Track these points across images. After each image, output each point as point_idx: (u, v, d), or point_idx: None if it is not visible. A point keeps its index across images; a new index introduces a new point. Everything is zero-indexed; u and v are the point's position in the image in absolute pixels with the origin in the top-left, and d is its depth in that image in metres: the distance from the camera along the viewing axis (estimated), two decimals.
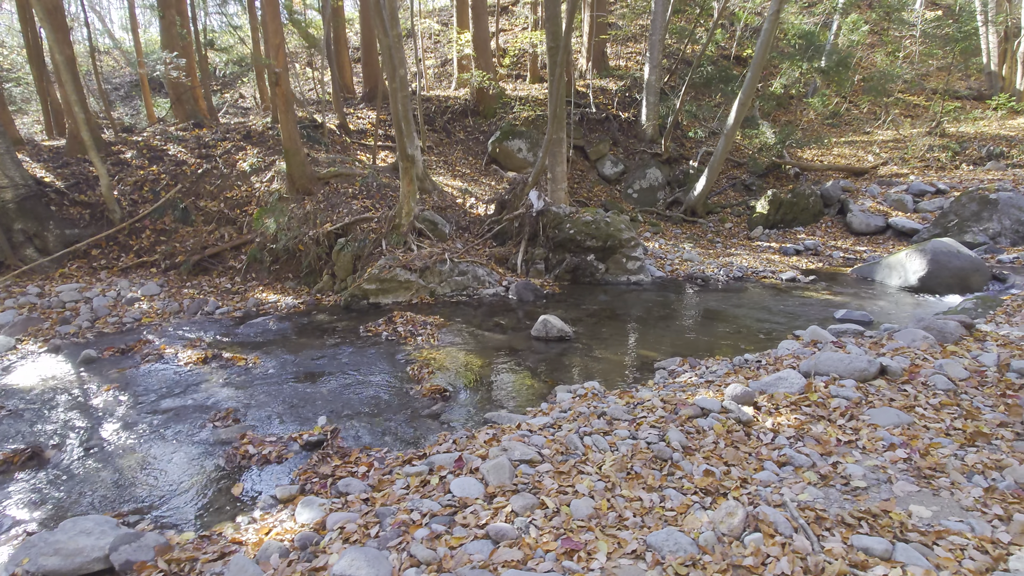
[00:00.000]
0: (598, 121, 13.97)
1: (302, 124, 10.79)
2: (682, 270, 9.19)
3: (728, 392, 3.90)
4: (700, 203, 12.50)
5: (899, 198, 11.62)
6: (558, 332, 6.04)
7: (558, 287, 8.35)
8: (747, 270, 9.15)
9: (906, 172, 13.37)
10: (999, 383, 3.95)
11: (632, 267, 8.63)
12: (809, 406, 3.82)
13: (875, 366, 4.07)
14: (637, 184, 13.33)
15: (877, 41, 19.23)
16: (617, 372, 5.19)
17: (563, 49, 9.19)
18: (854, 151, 14.96)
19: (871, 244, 11.03)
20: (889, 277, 8.51)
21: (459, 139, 14.00)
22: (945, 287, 7.92)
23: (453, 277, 7.86)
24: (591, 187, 13.32)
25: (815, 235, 11.64)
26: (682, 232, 12.19)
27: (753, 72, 10.36)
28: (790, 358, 4.70)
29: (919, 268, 8.04)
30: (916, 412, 3.63)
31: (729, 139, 11.17)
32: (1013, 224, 9.77)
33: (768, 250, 10.99)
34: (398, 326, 6.53)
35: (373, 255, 7.66)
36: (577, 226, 8.55)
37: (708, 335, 6.29)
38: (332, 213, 8.19)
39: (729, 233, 12.21)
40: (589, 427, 3.64)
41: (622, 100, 14.64)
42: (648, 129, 13.67)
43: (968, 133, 14.94)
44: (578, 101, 14.21)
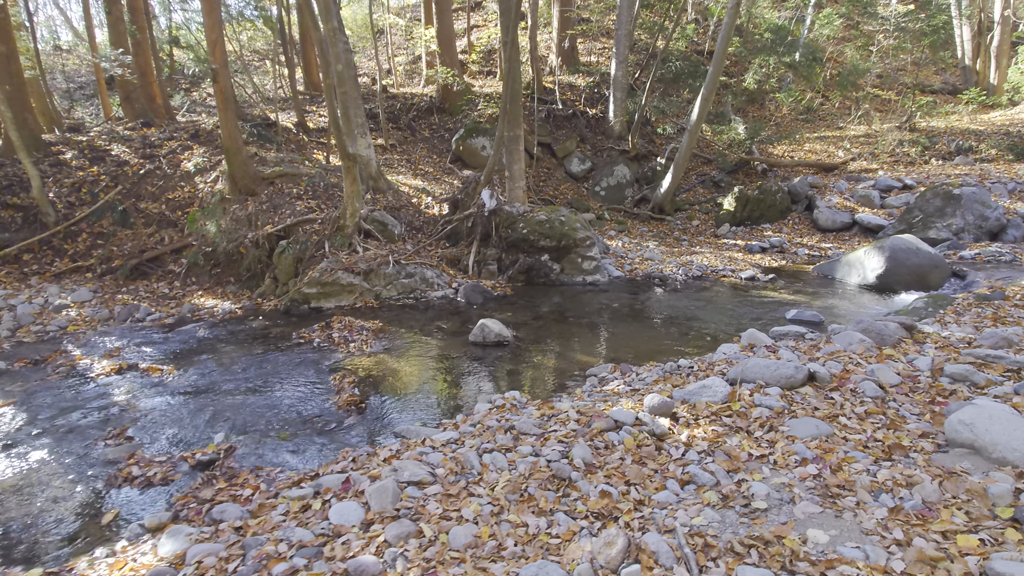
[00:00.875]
0: (565, 118, 13.76)
1: (254, 122, 10.48)
2: (641, 269, 9.00)
3: (646, 403, 3.70)
4: (667, 200, 12.33)
5: (866, 194, 11.52)
6: (496, 337, 5.82)
7: (510, 288, 8.13)
8: (707, 269, 8.99)
9: (875, 167, 13.29)
10: (930, 389, 3.79)
11: (588, 267, 8.43)
12: (730, 416, 3.62)
13: (803, 373, 3.88)
14: (605, 181, 13.14)
15: (851, 35, 19.18)
16: (548, 380, 4.98)
17: (512, 44, 8.97)
18: (825, 147, 14.87)
19: (837, 241, 10.92)
20: (849, 275, 8.37)
21: (424, 137, 13.74)
22: (903, 285, 7.80)
23: (400, 280, 7.62)
24: (558, 185, 13.11)
25: (782, 232, 11.51)
26: (648, 230, 12.02)
27: (715, 66, 10.19)
28: (723, 363, 4.51)
29: (877, 266, 7.91)
30: (838, 422, 3.45)
31: (693, 135, 11.00)
32: (976, 219, 9.69)
33: (733, 248, 10.85)
34: (334, 332, 6.28)
35: (315, 258, 7.40)
36: (530, 225, 8.34)
37: (654, 338, 6.10)
38: (275, 214, 7.92)
39: (696, 231, 12.06)
40: (493, 443, 3.43)
41: (590, 96, 14.45)
42: (616, 125, 13.48)
43: (939, 128, 14.91)
44: (545, 97, 14.00)
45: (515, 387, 4.83)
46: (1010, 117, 15.25)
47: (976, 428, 2.97)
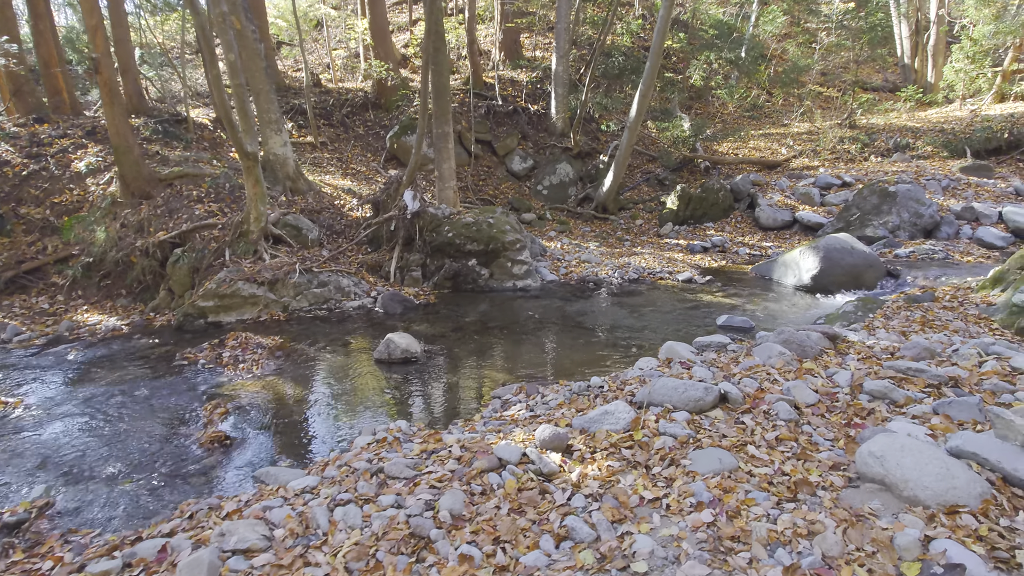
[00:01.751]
0: (506, 114, 13.32)
1: (160, 118, 9.67)
2: (577, 273, 8.64)
3: (537, 435, 3.28)
4: (610, 199, 12.04)
5: (806, 192, 11.48)
6: (402, 354, 5.33)
7: (434, 296, 7.64)
8: (644, 271, 8.69)
9: (817, 165, 13.33)
10: (848, 408, 3.49)
11: (518, 272, 8.02)
12: (631, 448, 3.24)
13: (713, 394, 3.53)
14: (547, 180, 12.77)
15: (794, 32, 19.35)
16: (450, 403, 4.52)
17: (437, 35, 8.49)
18: (769, 144, 14.88)
19: (778, 239, 10.82)
20: (785, 276, 8.20)
21: (358, 134, 13.09)
22: (838, 285, 7.65)
23: (311, 289, 7.03)
24: (499, 184, 12.67)
25: (724, 231, 11.37)
26: (591, 230, 11.70)
27: (651, 61, 9.92)
28: (635, 382, 4.13)
29: (812, 266, 7.74)
30: (746, 452, 3.10)
31: (633, 132, 10.72)
32: (911, 217, 9.70)
33: (675, 248, 10.62)
34: (225, 351, 5.67)
35: (214, 267, 6.75)
36: (456, 229, 7.86)
37: (575, 350, 5.71)
38: (170, 219, 7.22)
39: (640, 230, 11.81)
40: (352, 492, 2.94)
41: (533, 92, 14.06)
42: (558, 122, 13.13)
43: (878, 125, 15.11)
44: (485, 93, 13.53)
45: (413, 412, 4.36)
46: (945, 115, 15.59)
47: (887, 461, 2.65)
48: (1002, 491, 2.49)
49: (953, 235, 9.66)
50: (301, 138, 12.36)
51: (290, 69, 17.61)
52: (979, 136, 13.31)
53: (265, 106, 8.51)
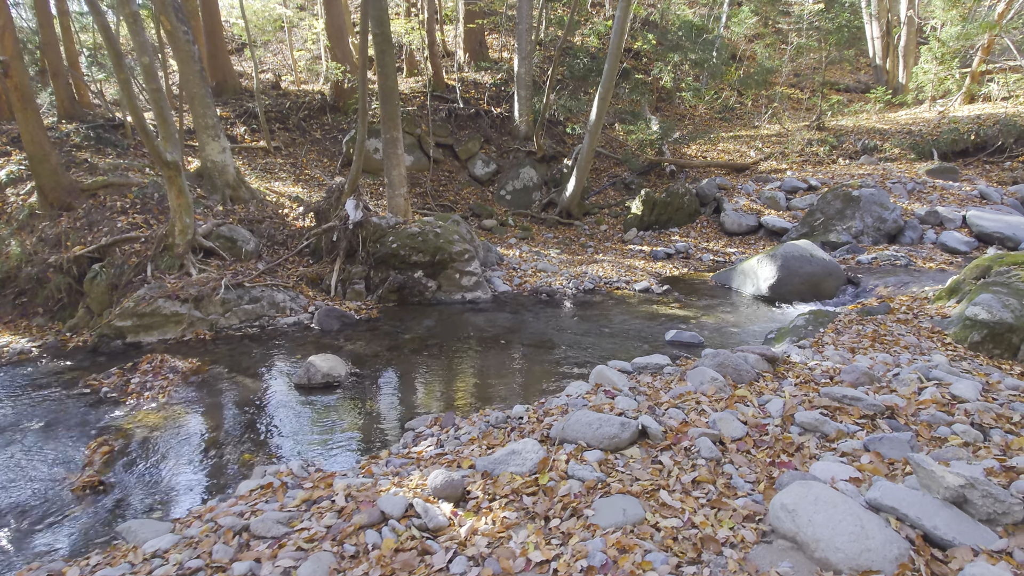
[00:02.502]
0: (469, 117, 13.00)
1: (93, 124, 9.20)
2: (531, 283, 8.34)
3: (429, 482, 2.96)
4: (574, 204, 11.77)
5: (772, 195, 11.30)
6: (324, 378, 4.98)
7: (378, 310, 7.29)
8: (600, 281, 8.41)
9: (785, 168, 13.18)
10: (776, 443, 3.22)
11: (467, 283, 7.69)
12: (534, 494, 2.93)
13: (630, 430, 3.24)
14: (510, 185, 12.47)
15: (765, 33, 19.26)
16: (361, 437, 4.18)
17: (383, 36, 8.16)
18: (738, 146, 14.72)
19: (743, 245, 10.62)
20: (744, 284, 7.97)
21: (315, 138, 12.68)
22: (796, 295, 7.44)
23: (242, 305, 6.65)
24: (460, 189, 12.34)
25: (689, 236, 11.15)
26: (554, 236, 11.42)
27: (610, 64, 9.66)
28: (557, 412, 3.83)
29: (769, 275, 7.52)
30: (657, 499, 2.80)
31: (593, 136, 10.45)
32: (875, 222, 9.54)
33: (638, 254, 10.37)
34: (136, 376, 5.28)
35: (134, 283, 6.33)
36: (401, 239, 7.52)
37: (512, 371, 5.40)
38: (91, 232, 6.79)
39: (604, 236, 11.55)
40: (205, 557, 2.60)
41: (497, 94, 13.74)
42: (522, 125, 12.83)
43: (847, 127, 15.02)
44: (447, 95, 13.19)
45: (317, 448, 4.01)
46: (914, 116, 15.55)
47: (799, 517, 2.37)
48: (921, 552, 2.21)
49: (917, 240, 9.51)
50: (254, 143, 11.94)
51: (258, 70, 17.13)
52: (946, 138, 13.26)
53: (201, 111, 8.10)
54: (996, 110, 14.53)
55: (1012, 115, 13.42)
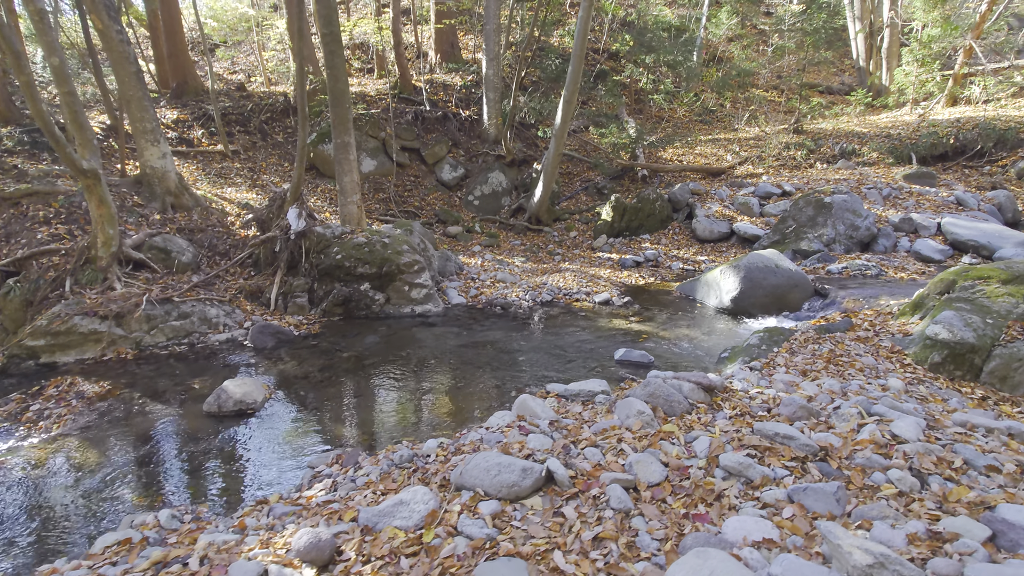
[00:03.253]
0: (436, 120, 12.66)
1: (30, 127, 8.79)
2: (487, 295, 8.01)
3: (295, 542, 2.61)
4: (542, 210, 11.45)
5: (745, 201, 11.03)
6: (236, 405, 4.62)
7: (320, 325, 6.93)
8: (559, 292, 8.09)
9: (761, 172, 12.92)
10: (696, 489, 2.90)
11: (417, 296, 7.35)
12: (414, 555, 2.60)
13: (532, 477, 2.91)
14: (479, 190, 12.14)
15: (746, 35, 19.02)
16: (262, 475, 3.83)
17: (332, 36, 7.83)
18: (716, 150, 14.46)
19: (714, 253, 10.33)
20: (708, 296, 7.68)
21: (276, 141, 12.30)
22: (759, 308, 7.14)
23: (169, 322, 6.28)
24: (426, 194, 12.00)
25: (660, 243, 10.85)
26: (521, 243, 11.09)
27: (573, 66, 9.35)
28: (468, 449, 3.50)
29: (732, 287, 7.22)
30: (548, 564, 2.47)
31: (559, 141, 10.14)
32: (847, 229, 9.27)
33: (606, 263, 10.07)
34: (37, 402, 4.90)
35: (50, 299, 5.95)
36: (346, 250, 7.17)
37: (443, 395, 5.07)
38: (8, 244, 6.40)
39: (573, 243, 11.24)
40: None
41: (467, 96, 13.41)
42: (491, 129, 12.51)
43: (826, 130, 14.79)
44: (414, 98, 12.84)
45: (207, 490, 3.66)
46: (894, 119, 15.35)
47: None
48: None
49: (891, 248, 9.26)
50: (212, 146, 11.55)
51: (226, 71, 16.75)
52: (925, 142, 13.05)
53: (138, 115, 7.72)
54: (977, 113, 14.35)
55: (991, 119, 13.23)
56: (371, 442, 4.14)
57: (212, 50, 18.56)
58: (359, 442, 4.14)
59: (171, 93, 13.54)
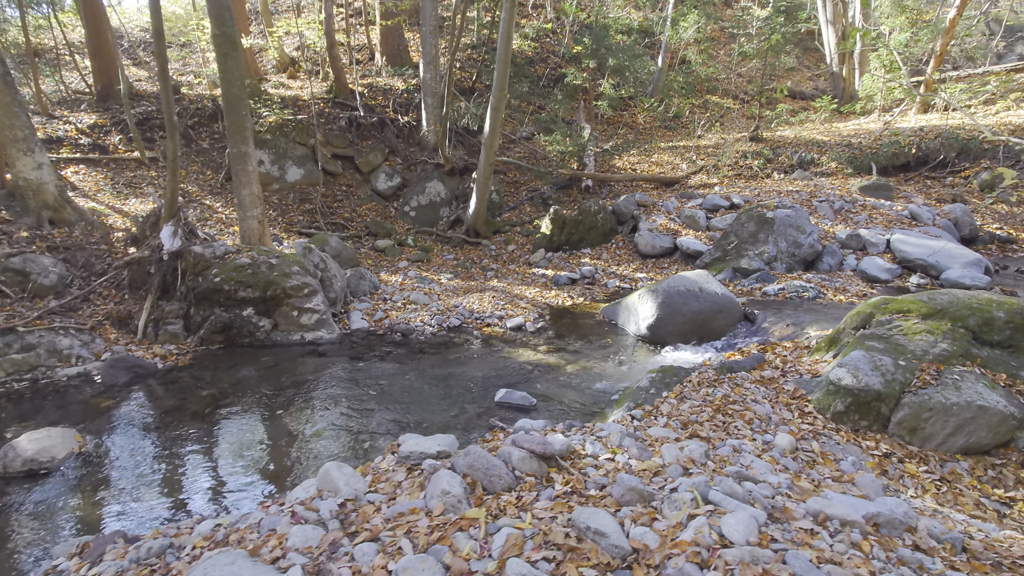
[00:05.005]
0: (373, 126, 12.07)
1: None
2: (392, 319, 7.41)
3: None
4: (479, 222, 10.88)
5: (692, 214, 10.49)
6: (24, 465, 4.00)
7: (193, 356, 6.31)
8: (470, 316, 7.51)
9: (715, 182, 12.41)
10: None
11: (308, 321, 6.75)
12: None
13: None
14: (415, 200, 11.55)
15: (704, 39, 18.51)
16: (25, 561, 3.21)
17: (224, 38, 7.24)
18: (673, 158, 13.94)
19: (655, 269, 9.79)
20: (628, 322, 7.12)
21: (202, 148, 11.66)
22: (678, 336, 6.59)
23: (9, 355, 5.64)
24: (359, 205, 11.39)
25: (601, 258, 10.29)
26: (454, 257, 10.51)
27: (499, 70, 8.80)
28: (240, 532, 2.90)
29: (648, 314, 6.67)
30: None
31: (490, 149, 9.58)
32: (789, 247, 8.75)
33: (538, 280, 9.50)
34: None
35: None
36: (226, 272, 6.55)
37: (292, 446, 4.47)
38: None
39: (510, 257, 10.66)
40: None
41: (407, 101, 12.82)
42: (430, 136, 11.93)
43: (788, 138, 14.31)
44: (350, 102, 12.24)
45: None
46: (858, 127, 14.90)
47: None
48: None
49: (836, 266, 8.75)
50: (129, 153, 10.90)
51: (175, 73, 16.09)
52: (886, 151, 12.60)
53: (8, 122, 7.09)
54: (943, 122, 13.92)
55: (954, 128, 12.80)
56: (150, 519, 3.54)
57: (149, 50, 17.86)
58: (139, 519, 3.53)
59: (96, 96, 12.89)
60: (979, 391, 4.22)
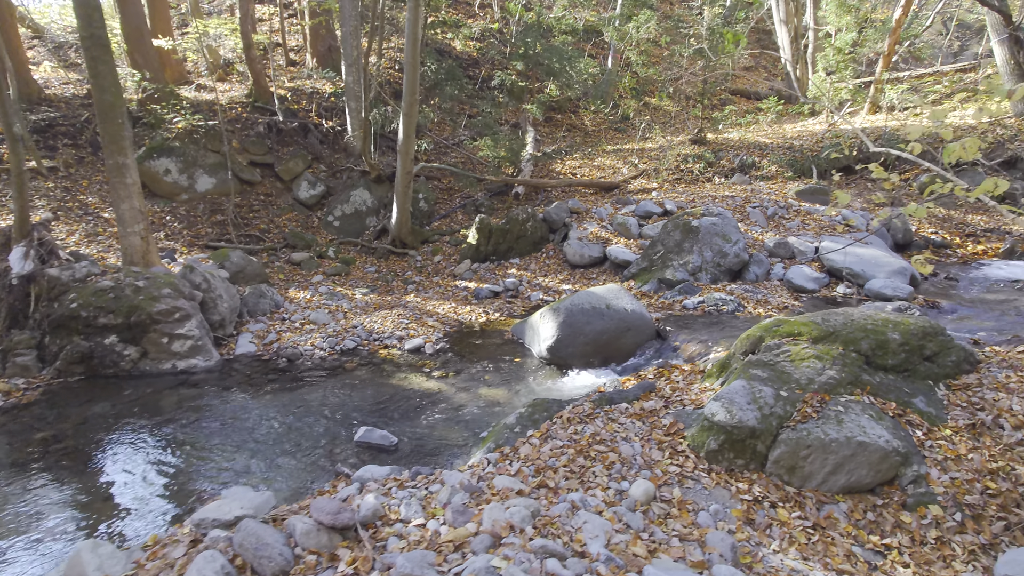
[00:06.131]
0: (295, 132, 11.52)
1: None
2: (282, 342, 6.91)
3: None
4: (404, 232, 10.41)
5: (624, 221, 10.15)
6: None
7: (45, 390, 5.73)
8: (368, 337, 7.04)
9: (655, 186, 12.11)
10: None
11: (181, 348, 6.22)
12: None
13: None
14: (339, 209, 11.03)
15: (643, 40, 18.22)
16: None
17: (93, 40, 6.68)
18: (616, 162, 13.62)
19: (583, 280, 9.42)
20: (533, 342, 6.73)
21: None
22: (580, 358, 6.21)
23: None
24: (278, 215, 10.84)
25: (529, 268, 9.90)
26: (376, 270, 10.02)
27: (408, 74, 8.35)
28: None
29: (549, 335, 6.28)
30: None
31: (405, 156, 9.12)
32: (715, 256, 8.45)
33: (459, 293, 9.07)
34: None
35: None
36: (85, 297, 6.00)
37: (91, 504, 3.96)
38: None
39: (436, 268, 10.22)
40: None
41: (334, 106, 12.29)
42: (355, 141, 11.42)
43: (732, 140, 14.10)
44: (269, 107, 11.68)
45: None
46: (804, 129, 14.76)
47: None
48: None
49: (763, 276, 8.47)
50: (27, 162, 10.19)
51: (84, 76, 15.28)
52: (827, 154, 12.43)
53: None
54: (888, 123, 13.82)
55: (895, 129, 12.68)
56: None
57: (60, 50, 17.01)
58: None
59: None
60: (862, 425, 3.89)
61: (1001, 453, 4.00)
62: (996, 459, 3.93)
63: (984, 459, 3.92)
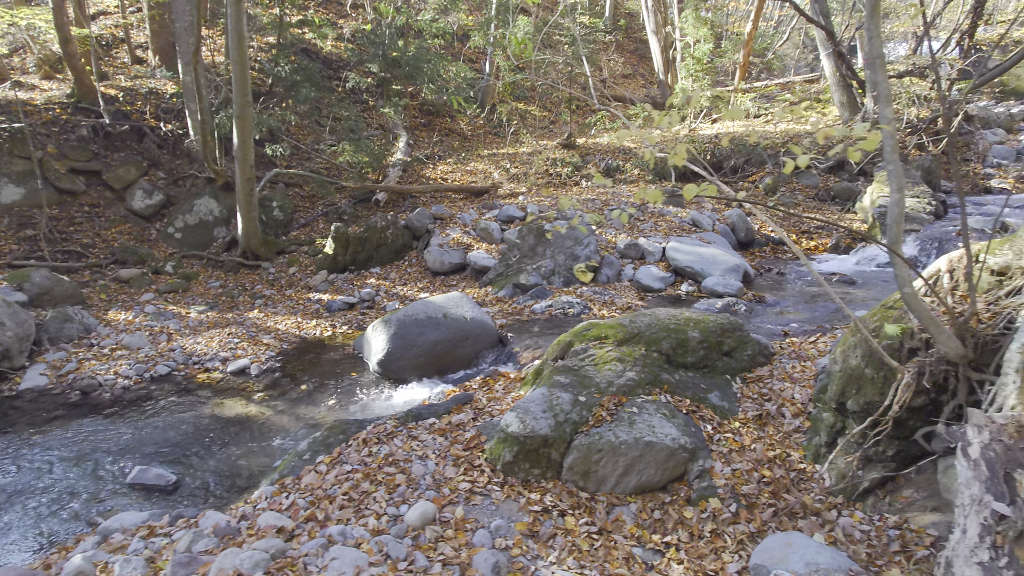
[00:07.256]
0: (127, 136, 10.47)
1: None
2: (83, 371, 6.15)
3: None
4: (254, 243, 9.74)
5: (487, 227, 10.09)
6: None
7: None
8: (187, 360, 6.44)
9: (523, 191, 12.20)
10: None
11: None
12: None
13: None
14: (181, 220, 10.14)
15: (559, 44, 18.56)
16: None
17: None
18: (488, 167, 13.61)
19: (443, 287, 9.23)
20: (370, 356, 6.42)
21: None
22: (415, 371, 5.99)
23: None
24: (107, 227, 9.78)
25: (388, 278, 9.57)
26: (221, 285, 9.29)
27: (236, 75, 7.80)
28: None
29: (380, 348, 6.02)
30: None
31: (243, 163, 8.52)
32: (567, 260, 8.56)
33: (311, 306, 8.58)
34: None
35: None
36: None
37: None
38: None
39: (290, 281, 9.63)
40: None
41: (175, 107, 11.33)
42: (197, 146, 10.56)
43: (601, 145, 14.54)
44: (96, 108, 10.55)
45: None
46: (665, 135, 15.50)
47: None
48: None
49: (614, 277, 8.67)
50: None
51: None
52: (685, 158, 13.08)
53: None
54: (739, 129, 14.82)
55: (744, 134, 13.62)
56: None
57: None
58: None
59: None
60: (652, 424, 3.94)
61: (780, 441, 4.22)
62: (775, 447, 4.13)
63: (764, 448, 4.11)
